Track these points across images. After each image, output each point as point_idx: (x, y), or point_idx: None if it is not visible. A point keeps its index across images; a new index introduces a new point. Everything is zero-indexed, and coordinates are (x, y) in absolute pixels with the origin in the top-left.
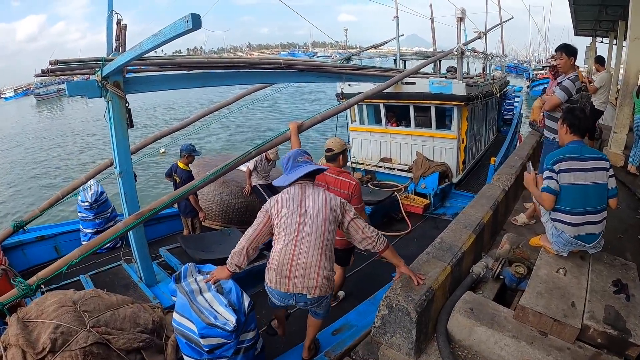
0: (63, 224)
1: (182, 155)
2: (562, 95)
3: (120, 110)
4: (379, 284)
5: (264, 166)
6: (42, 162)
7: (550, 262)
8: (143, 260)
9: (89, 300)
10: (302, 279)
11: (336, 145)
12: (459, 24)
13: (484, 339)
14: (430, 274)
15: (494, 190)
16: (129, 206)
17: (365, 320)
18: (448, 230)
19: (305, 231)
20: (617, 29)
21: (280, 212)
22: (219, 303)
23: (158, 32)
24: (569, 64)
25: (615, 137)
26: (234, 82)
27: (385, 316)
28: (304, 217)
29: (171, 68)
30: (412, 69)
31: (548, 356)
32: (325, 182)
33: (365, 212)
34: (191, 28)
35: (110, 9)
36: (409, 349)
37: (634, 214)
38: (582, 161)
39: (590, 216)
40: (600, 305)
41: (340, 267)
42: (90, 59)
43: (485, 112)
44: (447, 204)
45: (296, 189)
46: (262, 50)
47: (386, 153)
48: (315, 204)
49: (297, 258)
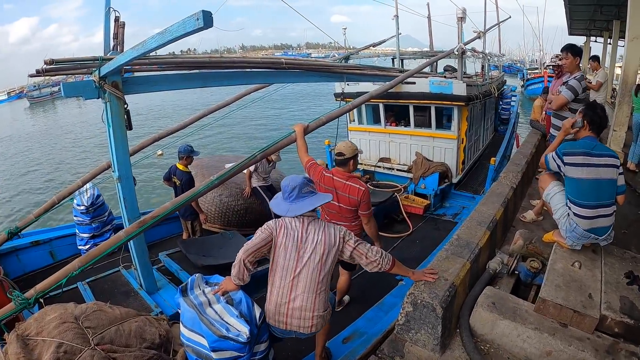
0: (58, 228)
1: (181, 157)
2: (569, 95)
3: (118, 112)
4: (384, 287)
5: (264, 167)
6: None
7: (565, 256)
8: (143, 267)
9: (92, 315)
10: (298, 320)
11: (347, 150)
12: (459, 24)
13: (507, 332)
14: (451, 270)
15: (503, 187)
16: (129, 212)
17: (375, 327)
18: (463, 227)
19: (302, 275)
20: (612, 28)
21: (279, 245)
22: (229, 314)
23: (164, 30)
24: (574, 63)
25: (614, 135)
26: (235, 82)
27: (410, 313)
28: (302, 258)
29: (171, 67)
30: (416, 69)
31: (570, 346)
32: (334, 186)
33: (374, 219)
34: (202, 26)
35: (108, 6)
36: (434, 345)
37: (635, 210)
38: (595, 157)
39: (603, 209)
40: (616, 296)
41: (346, 271)
42: (88, 58)
43: (483, 112)
44: (446, 204)
45: (297, 223)
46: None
47: (385, 153)
48: (313, 243)
49: (293, 302)
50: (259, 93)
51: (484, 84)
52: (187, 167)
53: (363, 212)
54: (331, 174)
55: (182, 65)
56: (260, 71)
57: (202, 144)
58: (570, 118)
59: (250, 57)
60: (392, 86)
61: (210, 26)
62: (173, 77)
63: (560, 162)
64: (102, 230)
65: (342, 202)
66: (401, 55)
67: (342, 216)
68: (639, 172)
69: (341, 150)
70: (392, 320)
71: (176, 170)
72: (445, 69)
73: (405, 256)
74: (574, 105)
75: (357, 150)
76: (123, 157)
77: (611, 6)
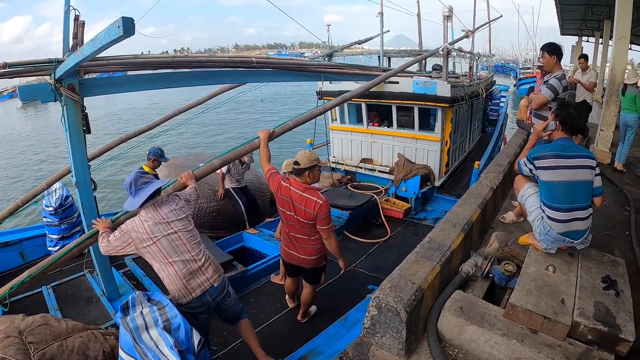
0: (28, 229)
1: (149, 159)
2: (549, 94)
3: (75, 115)
4: (354, 299)
5: (237, 169)
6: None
7: (539, 260)
8: (104, 273)
9: (36, 329)
10: (213, 271)
11: (304, 160)
12: (445, 22)
13: (475, 338)
14: (420, 274)
15: (482, 188)
16: (87, 218)
17: (334, 347)
18: (437, 229)
19: (187, 241)
20: (603, 28)
21: (152, 242)
22: (165, 343)
23: (95, 37)
24: (551, 62)
25: (602, 134)
26: (203, 83)
27: (375, 317)
28: (180, 231)
29: (134, 68)
30: (397, 69)
31: (539, 353)
32: (291, 197)
33: (335, 234)
34: (122, 34)
35: (68, 5)
36: (399, 349)
37: (621, 210)
38: (568, 159)
39: (578, 212)
40: (590, 301)
41: (309, 285)
42: (43, 61)
43: (470, 113)
44: (428, 208)
45: (151, 211)
46: (249, 50)
47: (367, 154)
48: (175, 216)
49: (201, 260)
50: (233, 92)
51: (471, 85)
52: (154, 170)
53: (321, 227)
54: (289, 184)
55: (146, 65)
56: (229, 71)
57: (176, 143)
58: (541, 122)
59: (218, 56)
60: (372, 86)
61: (132, 33)
62: (136, 78)
63: (532, 166)
64: (71, 231)
65: (298, 214)
66: (386, 53)
67: (301, 229)
68: (626, 172)
69: (297, 159)
70: (353, 338)
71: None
72: (433, 68)
73: (381, 263)
74: (554, 104)
75: (317, 161)
76: (81, 162)
77: (602, 6)
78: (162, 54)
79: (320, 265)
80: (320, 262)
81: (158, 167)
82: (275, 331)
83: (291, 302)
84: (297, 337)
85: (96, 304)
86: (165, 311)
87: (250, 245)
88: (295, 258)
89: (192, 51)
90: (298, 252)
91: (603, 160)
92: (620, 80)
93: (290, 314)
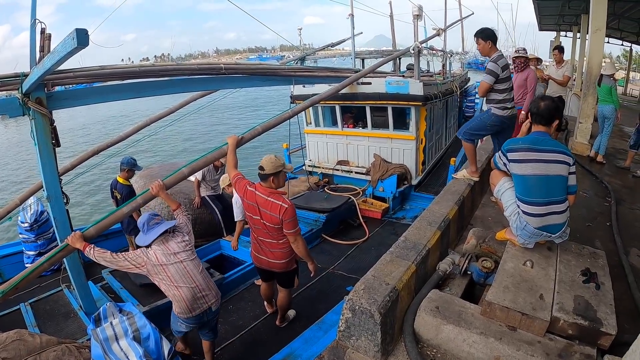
0: (5, 246)
1: (122, 169)
2: (489, 78)
3: (44, 129)
4: (332, 301)
5: (212, 176)
6: None
7: (517, 255)
8: (80, 287)
9: (11, 345)
10: (214, 297)
11: (268, 166)
12: (415, 22)
13: (452, 337)
14: (394, 274)
15: (459, 185)
16: (60, 232)
17: (310, 350)
18: (412, 228)
19: (193, 271)
20: (580, 22)
21: (162, 268)
22: (134, 354)
23: (53, 49)
24: (487, 47)
25: (581, 127)
26: (171, 91)
27: (349, 319)
28: (185, 261)
29: (101, 79)
30: (367, 69)
31: (518, 351)
32: (256, 202)
33: (302, 238)
34: (76, 46)
35: (34, 18)
36: (375, 352)
37: (602, 202)
38: (541, 152)
39: (554, 206)
40: (570, 295)
41: (284, 289)
42: (9, 75)
43: (445, 111)
44: (406, 207)
45: (161, 245)
46: (230, 55)
47: (343, 155)
48: (180, 247)
49: (206, 288)
50: (206, 99)
51: (444, 82)
52: (128, 181)
53: (288, 231)
54: (254, 189)
55: (113, 76)
56: (198, 78)
57: (149, 155)
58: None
59: (186, 65)
60: (342, 87)
61: (86, 44)
62: (102, 90)
63: (505, 159)
64: (48, 247)
65: (265, 219)
66: (359, 55)
67: (268, 233)
68: (606, 164)
69: (262, 165)
70: (330, 341)
71: (117, 183)
72: (407, 67)
73: (359, 264)
74: (499, 85)
75: (282, 167)
76: (51, 175)
77: (579, 0)
78: (143, 60)
79: (290, 268)
80: (291, 265)
81: (132, 177)
82: (255, 337)
83: (269, 307)
84: (275, 342)
85: (74, 319)
86: (135, 320)
87: (228, 253)
88: (265, 262)
89: (173, 57)
90: (267, 256)
91: (583, 153)
92: (597, 73)
93: (269, 319)
